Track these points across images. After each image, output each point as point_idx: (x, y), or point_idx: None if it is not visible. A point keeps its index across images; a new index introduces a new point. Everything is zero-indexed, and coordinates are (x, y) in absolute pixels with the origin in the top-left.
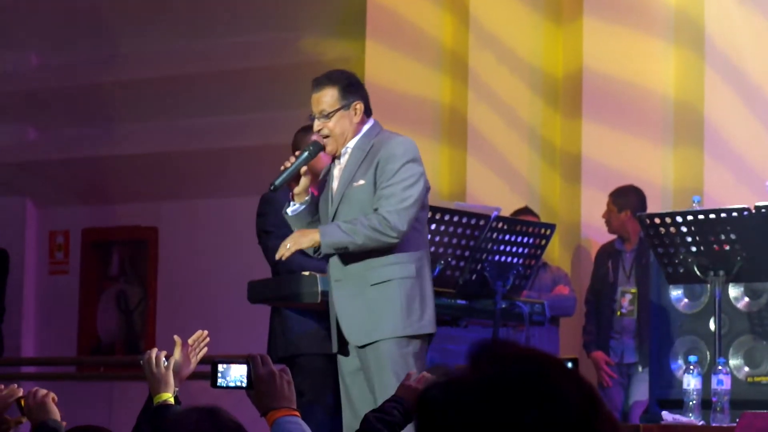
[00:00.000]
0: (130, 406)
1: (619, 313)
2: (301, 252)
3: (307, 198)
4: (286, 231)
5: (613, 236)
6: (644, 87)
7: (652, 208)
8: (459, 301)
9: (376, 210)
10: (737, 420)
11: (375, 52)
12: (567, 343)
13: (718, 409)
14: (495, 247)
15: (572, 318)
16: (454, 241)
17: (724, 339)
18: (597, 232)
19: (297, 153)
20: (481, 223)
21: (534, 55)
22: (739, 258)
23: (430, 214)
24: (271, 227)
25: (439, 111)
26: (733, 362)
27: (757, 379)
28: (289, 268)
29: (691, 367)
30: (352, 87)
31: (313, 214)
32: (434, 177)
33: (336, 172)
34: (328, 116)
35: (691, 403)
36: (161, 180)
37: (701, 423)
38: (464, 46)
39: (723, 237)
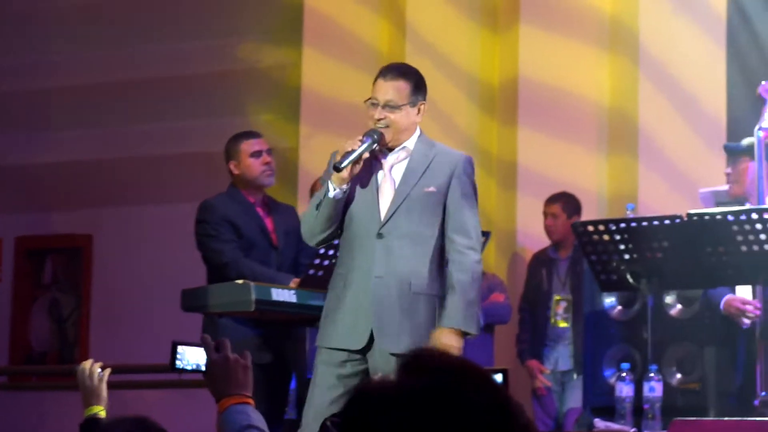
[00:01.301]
0: (63, 417)
1: (553, 320)
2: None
3: (347, 185)
4: (229, 235)
5: (547, 244)
6: (580, 95)
7: (586, 215)
8: None
9: (450, 244)
10: (668, 427)
11: (312, 59)
12: (502, 351)
13: (649, 416)
14: None
15: (508, 325)
16: None
17: (656, 346)
18: (533, 240)
19: (360, 138)
20: None
21: (470, 62)
22: (672, 266)
23: None
24: (214, 231)
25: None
26: (665, 369)
27: (688, 386)
28: (236, 274)
29: (624, 374)
30: (421, 86)
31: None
32: None
33: (390, 168)
34: (394, 108)
35: (623, 410)
36: (97, 187)
37: (633, 430)
38: (401, 53)
39: (656, 245)
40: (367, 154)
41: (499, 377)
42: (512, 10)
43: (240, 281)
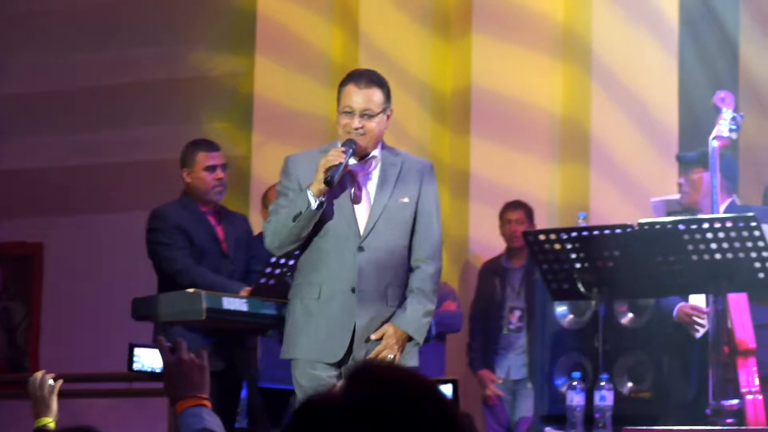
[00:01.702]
0: (13, 426)
1: (506, 329)
2: (213, 269)
3: (324, 196)
4: (181, 243)
5: (499, 252)
6: (532, 103)
7: (539, 224)
8: None
9: (414, 257)
10: None
11: (265, 67)
12: (453, 359)
13: (600, 425)
14: None
15: (459, 334)
16: None
17: (608, 355)
18: (485, 248)
19: (342, 149)
20: None
21: (423, 71)
22: (623, 275)
23: None
24: (166, 239)
25: (329, 126)
26: (616, 378)
27: (640, 394)
28: (188, 282)
29: (575, 383)
30: (389, 93)
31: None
32: None
33: (362, 178)
34: (372, 116)
35: (574, 419)
36: (48, 195)
37: None
38: (354, 61)
39: (607, 254)
40: (348, 167)
41: (449, 388)
42: (465, 18)
43: (191, 290)
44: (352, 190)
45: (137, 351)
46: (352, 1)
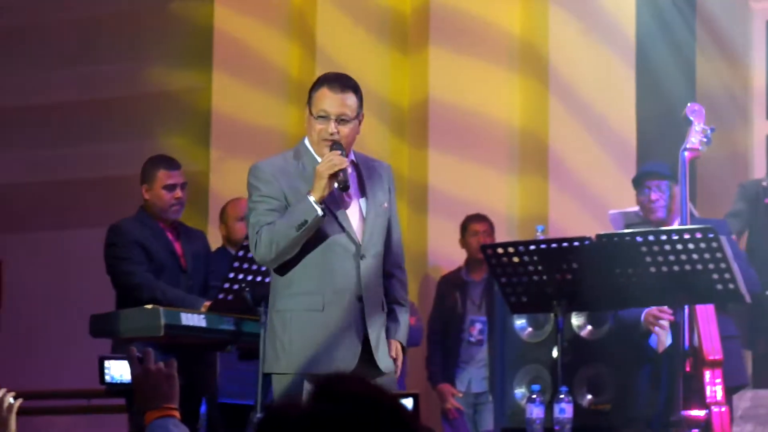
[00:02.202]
0: None
1: (467, 342)
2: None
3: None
4: (140, 258)
5: (458, 266)
6: (490, 116)
7: (498, 237)
8: None
9: (390, 262)
10: None
11: (222, 83)
12: (414, 373)
13: None
14: None
15: (419, 348)
16: None
17: (567, 367)
18: (444, 262)
19: (338, 152)
20: None
21: (381, 85)
22: (581, 287)
23: None
24: (125, 254)
25: (287, 141)
26: (576, 390)
27: (599, 407)
28: (148, 296)
29: (534, 396)
30: (362, 98)
31: None
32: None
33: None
34: (347, 122)
35: (533, 431)
36: (6, 212)
37: None
38: (311, 76)
39: (565, 266)
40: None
41: (409, 402)
42: (422, 32)
43: (149, 306)
44: (339, 197)
45: (107, 363)
46: (308, 16)
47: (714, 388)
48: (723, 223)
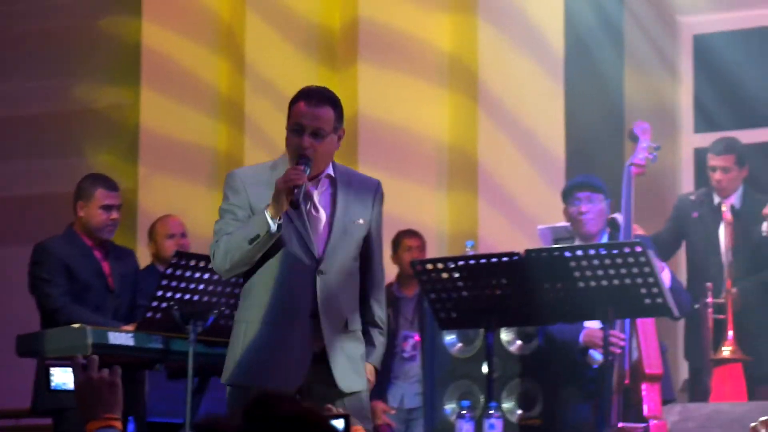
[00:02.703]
0: None
1: (400, 358)
2: (98, 304)
3: (281, 218)
4: (62, 280)
5: (389, 281)
6: (419, 132)
7: (428, 252)
8: None
9: (368, 283)
10: None
11: (150, 99)
12: None
13: None
14: None
15: None
16: (228, 290)
17: (497, 383)
18: None
19: (300, 167)
20: None
21: None
22: (510, 303)
23: (203, 264)
24: (47, 275)
25: (216, 158)
26: (505, 405)
27: (529, 422)
28: (65, 321)
29: (464, 411)
30: (341, 112)
31: None
32: (212, 225)
33: (317, 198)
34: (322, 136)
35: None
36: None
37: None
38: (240, 92)
39: (495, 282)
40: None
41: (340, 422)
42: (351, 47)
43: (76, 325)
44: (308, 210)
45: (53, 370)
46: (237, 32)
47: (654, 402)
48: (648, 240)
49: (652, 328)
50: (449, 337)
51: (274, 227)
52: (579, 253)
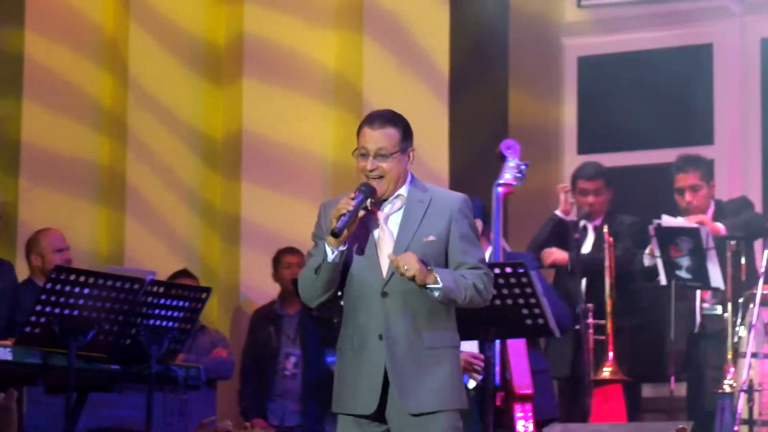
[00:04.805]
0: None
1: (282, 376)
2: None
3: (344, 246)
4: None
5: (270, 299)
6: (304, 149)
7: None
8: (113, 367)
9: (461, 266)
10: None
11: (32, 112)
12: (225, 406)
13: None
14: (150, 312)
15: (231, 381)
16: (108, 305)
17: None
18: (256, 294)
19: (352, 196)
20: (136, 287)
21: (194, 116)
22: None
23: (83, 278)
24: None
25: (98, 172)
26: None
27: None
28: None
29: None
30: (409, 131)
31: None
32: (91, 239)
33: (386, 220)
34: (387, 156)
35: None
36: None
37: None
38: (123, 106)
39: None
40: (362, 212)
41: None
42: (236, 63)
43: None
44: (377, 234)
45: None
46: (121, 46)
47: (524, 423)
48: (531, 257)
49: (523, 349)
50: (332, 355)
51: (330, 257)
52: None
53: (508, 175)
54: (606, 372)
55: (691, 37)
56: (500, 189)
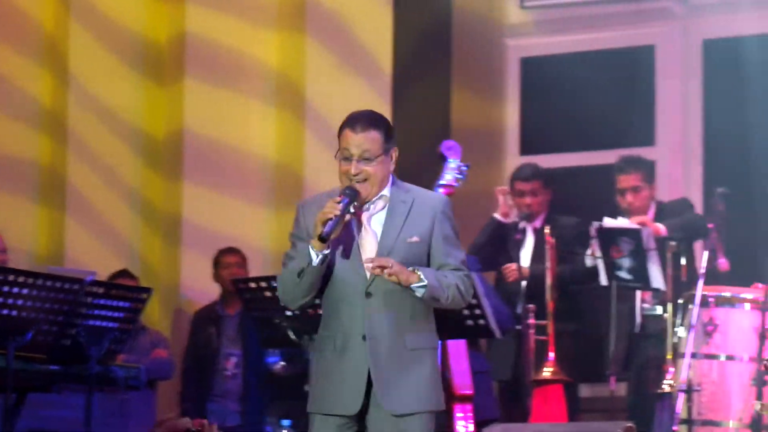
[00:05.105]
0: None
1: (223, 376)
2: None
3: (328, 249)
4: None
5: (211, 299)
6: (245, 149)
7: (252, 270)
8: (52, 367)
9: (443, 268)
10: None
11: None
12: (166, 407)
13: None
14: (90, 312)
15: (172, 382)
16: (47, 305)
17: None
18: (197, 294)
19: (338, 198)
20: (76, 287)
21: (135, 115)
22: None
23: (22, 279)
24: None
25: (38, 171)
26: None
27: None
28: None
29: (284, 430)
30: (391, 132)
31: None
32: (31, 239)
33: (368, 221)
34: (371, 160)
35: None
36: None
37: None
38: (64, 105)
39: (318, 301)
40: (348, 216)
41: None
42: (178, 62)
43: None
44: (360, 235)
45: None
46: (61, 44)
47: (464, 423)
48: (473, 260)
49: (463, 349)
50: (273, 356)
51: (315, 260)
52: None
53: (448, 176)
54: (547, 372)
55: (633, 39)
56: (441, 190)
